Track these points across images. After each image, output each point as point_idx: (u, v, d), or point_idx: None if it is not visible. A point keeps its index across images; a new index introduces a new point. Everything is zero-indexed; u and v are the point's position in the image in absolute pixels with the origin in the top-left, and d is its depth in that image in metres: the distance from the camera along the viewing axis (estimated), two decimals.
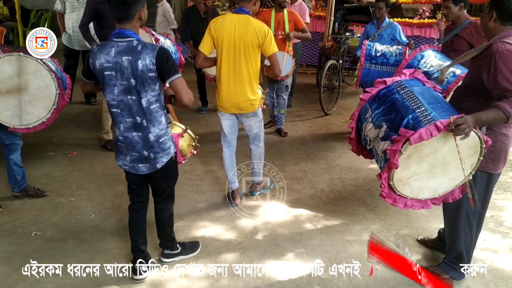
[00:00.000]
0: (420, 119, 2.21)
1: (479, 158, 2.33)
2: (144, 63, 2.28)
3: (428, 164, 2.28)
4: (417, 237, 3.29)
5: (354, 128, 2.66)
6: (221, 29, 3.19)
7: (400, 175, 2.28)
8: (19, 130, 3.42)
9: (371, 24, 5.47)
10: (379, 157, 2.43)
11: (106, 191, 3.85)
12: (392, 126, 2.32)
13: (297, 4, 6.07)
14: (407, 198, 2.41)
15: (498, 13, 2.33)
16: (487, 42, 2.37)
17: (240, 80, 3.28)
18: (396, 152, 2.15)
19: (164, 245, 2.89)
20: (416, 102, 2.32)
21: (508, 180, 4.40)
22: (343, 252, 3.11)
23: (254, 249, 3.12)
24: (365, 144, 2.59)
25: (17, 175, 3.56)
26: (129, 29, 2.33)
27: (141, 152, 2.49)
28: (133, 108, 2.39)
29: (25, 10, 10.14)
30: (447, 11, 3.86)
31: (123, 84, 2.34)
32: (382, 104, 2.45)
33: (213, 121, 3.31)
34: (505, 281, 2.87)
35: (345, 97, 7.23)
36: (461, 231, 2.70)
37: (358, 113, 2.61)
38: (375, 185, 4.20)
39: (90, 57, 2.37)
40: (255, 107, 3.41)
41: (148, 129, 2.44)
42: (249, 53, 3.20)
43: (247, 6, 3.23)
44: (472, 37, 3.72)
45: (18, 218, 3.37)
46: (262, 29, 3.17)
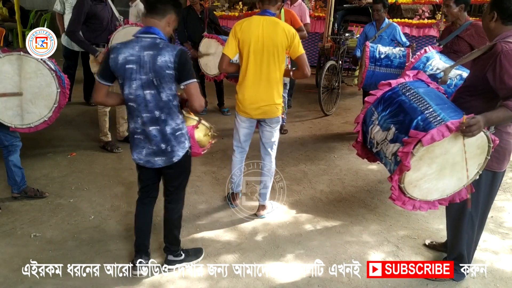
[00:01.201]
0: (430, 120, 2.20)
1: (486, 157, 2.32)
2: (164, 59, 2.35)
3: (438, 165, 2.28)
4: (424, 241, 3.26)
5: (360, 131, 2.64)
6: (247, 31, 3.15)
7: (411, 177, 2.27)
8: (21, 130, 3.40)
9: (370, 25, 5.46)
10: (388, 159, 2.41)
11: (105, 192, 3.85)
12: (401, 128, 2.31)
13: (296, 5, 6.06)
14: (416, 200, 2.41)
15: (499, 13, 2.34)
16: (489, 43, 2.38)
17: (268, 83, 3.22)
18: (408, 154, 2.14)
19: (169, 250, 2.86)
20: (423, 103, 2.31)
21: (508, 181, 4.40)
22: (343, 253, 3.11)
23: (253, 250, 3.11)
24: (371, 147, 2.58)
25: (16, 176, 3.55)
26: (157, 28, 2.42)
27: (159, 145, 2.53)
28: (152, 102, 2.43)
29: (24, 10, 10.12)
30: (447, 10, 3.86)
31: (142, 78, 2.39)
32: (388, 106, 2.43)
33: (213, 122, 3.29)
34: (505, 282, 2.87)
35: (344, 98, 7.23)
36: (464, 231, 2.71)
37: (363, 116, 2.60)
38: (374, 186, 4.20)
39: (112, 53, 2.40)
40: (279, 111, 3.34)
41: (166, 122, 2.49)
42: (277, 55, 3.17)
43: (272, 9, 3.22)
44: (473, 38, 3.72)
45: (17, 220, 3.37)
46: (291, 31, 3.16)
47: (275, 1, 3.21)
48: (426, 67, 3.51)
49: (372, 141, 2.53)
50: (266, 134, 3.42)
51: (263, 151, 3.50)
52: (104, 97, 2.56)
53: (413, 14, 8.33)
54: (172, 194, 2.77)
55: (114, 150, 4.68)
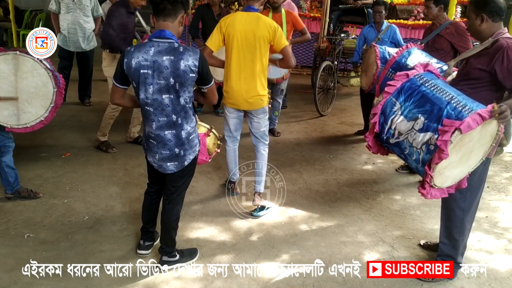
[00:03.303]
0: (459, 109, 2.25)
1: (492, 144, 2.43)
2: (187, 64, 2.39)
3: (461, 153, 2.34)
4: (419, 241, 3.27)
5: (377, 122, 2.62)
6: (232, 25, 3.28)
7: (441, 165, 2.30)
8: (17, 130, 3.38)
9: (369, 27, 5.44)
10: (416, 149, 2.40)
11: (100, 193, 3.83)
12: (430, 117, 2.33)
13: (285, 4, 6.02)
14: (434, 187, 2.43)
15: (488, 14, 2.51)
16: (475, 41, 2.58)
17: (251, 75, 3.34)
18: (447, 142, 2.17)
19: (164, 251, 2.85)
20: (446, 93, 2.37)
21: (502, 181, 4.42)
22: (338, 253, 3.11)
23: (248, 250, 3.11)
24: (387, 138, 2.56)
25: (9, 177, 3.52)
26: (170, 30, 2.46)
27: (173, 149, 2.57)
28: (169, 106, 2.47)
29: (19, 10, 10.07)
30: (427, 10, 4.17)
31: (160, 83, 2.42)
32: (411, 97, 2.46)
33: (208, 122, 3.29)
34: (499, 281, 2.88)
35: (340, 98, 7.24)
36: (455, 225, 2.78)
37: (382, 106, 2.58)
38: (370, 186, 4.20)
39: (125, 57, 2.43)
40: (264, 103, 3.45)
41: (182, 126, 2.54)
42: (260, 48, 3.29)
43: (256, 4, 3.35)
44: (453, 36, 4.02)
45: (10, 220, 3.34)
46: (272, 25, 3.28)
47: None
48: (408, 61, 3.69)
49: (391, 132, 2.51)
50: (254, 124, 3.56)
51: (254, 140, 3.64)
52: (120, 98, 2.62)
53: (409, 15, 8.35)
54: (173, 194, 2.77)
55: (109, 150, 4.66)
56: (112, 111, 4.57)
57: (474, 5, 2.56)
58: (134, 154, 4.58)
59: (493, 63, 2.46)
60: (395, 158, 4.56)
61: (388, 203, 3.88)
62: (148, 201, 2.92)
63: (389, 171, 4.59)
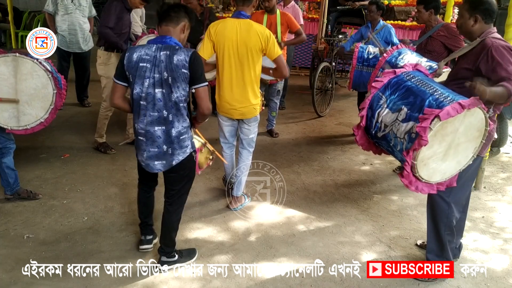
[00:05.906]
0: (441, 99, 2.33)
1: (482, 141, 2.48)
2: (179, 58, 2.44)
3: (446, 144, 2.39)
4: (416, 241, 3.30)
5: (364, 116, 2.69)
6: (222, 34, 3.19)
7: (424, 154, 2.35)
8: (17, 131, 3.38)
9: (366, 27, 5.50)
10: (400, 139, 2.46)
11: (99, 194, 3.84)
12: (413, 108, 2.41)
13: (290, 6, 6.08)
14: (421, 181, 2.47)
15: (482, 15, 2.56)
16: (467, 40, 2.62)
17: (243, 85, 3.28)
18: (426, 129, 2.23)
19: (163, 251, 2.86)
20: (430, 87, 2.46)
21: (498, 181, 4.45)
22: (336, 253, 3.13)
23: (247, 250, 3.13)
24: (375, 132, 2.61)
25: (9, 178, 3.53)
26: (171, 35, 2.54)
27: (161, 146, 2.58)
28: (161, 101, 2.50)
29: (17, 11, 10.06)
30: (418, 14, 4.24)
31: (156, 77, 2.46)
32: (396, 91, 2.55)
33: (206, 123, 3.30)
34: (495, 281, 2.91)
35: (338, 99, 7.26)
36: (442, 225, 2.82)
37: (369, 101, 2.65)
38: (367, 187, 4.23)
39: (127, 52, 2.52)
40: (256, 111, 3.42)
41: (172, 124, 2.54)
42: (252, 58, 3.21)
43: (246, 10, 3.24)
44: (447, 38, 4.06)
45: (10, 221, 3.36)
46: (265, 33, 3.18)
47: (248, 1, 3.24)
48: (398, 61, 3.74)
49: (378, 125, 2.58)
50: (244, 131, 3.54)
51: (240, 146, 3.62)
52: (120, 99, 2.63)
53: (406, 16, 8.39)
54: (173, 197, 2.78)
55: (107, 151, 4.67)
56: (105, 111, 4.58)
57: (469, 5, 2.60)
58: (133, 155, 4.50)
59: (478, 62, 2.51)
60: (392, 159, 4.58)
61: (386, 204, 3.90)
62: (142, 195, 2.96)
63: (387, 171, 4.62)
